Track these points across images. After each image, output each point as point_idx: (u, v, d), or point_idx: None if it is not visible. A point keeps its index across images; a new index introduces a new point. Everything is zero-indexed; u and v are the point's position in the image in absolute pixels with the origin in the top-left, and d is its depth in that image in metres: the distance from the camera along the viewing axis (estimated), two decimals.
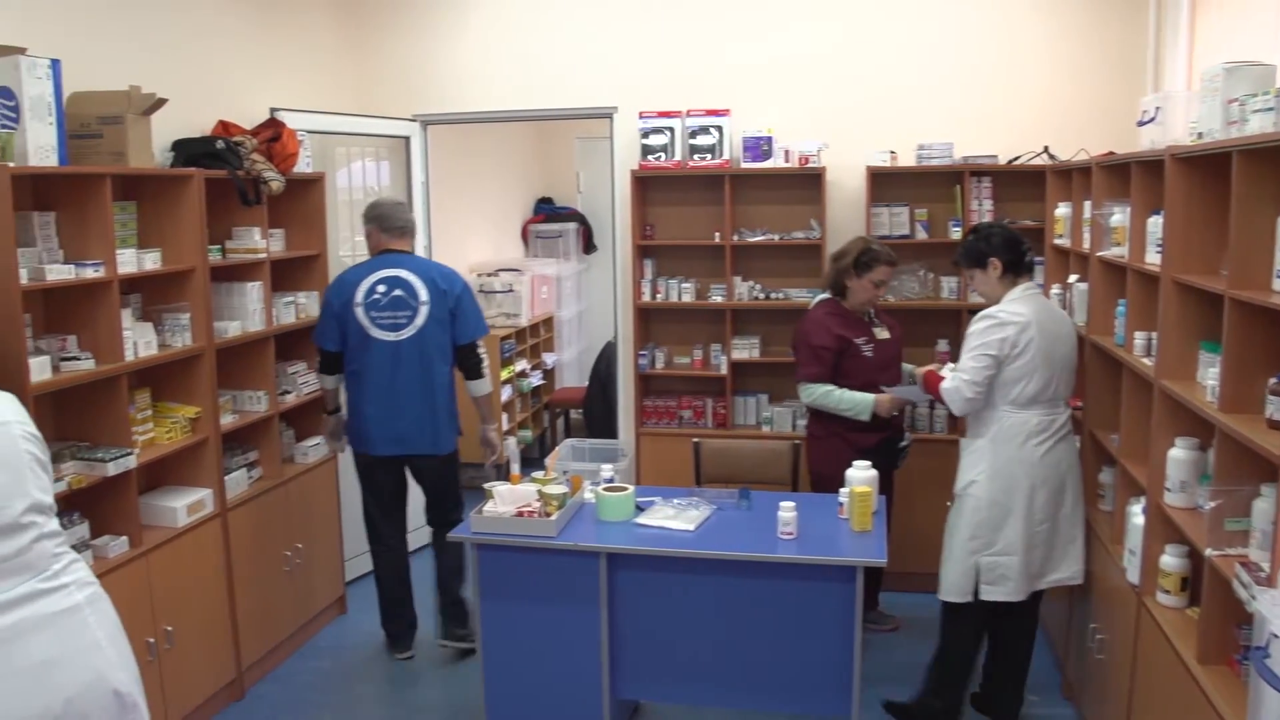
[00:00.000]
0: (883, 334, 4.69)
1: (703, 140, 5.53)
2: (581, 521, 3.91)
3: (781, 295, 5.62)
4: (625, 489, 3.98)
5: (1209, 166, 2.98)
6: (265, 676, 4.70)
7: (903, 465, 4.81)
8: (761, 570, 3.61)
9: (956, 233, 5.29)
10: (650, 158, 5.60)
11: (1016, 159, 5.28)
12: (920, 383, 4.14)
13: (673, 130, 5.56)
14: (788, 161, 5.46)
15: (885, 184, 5.43)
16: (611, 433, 6.30)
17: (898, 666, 4.56)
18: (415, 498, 4.86)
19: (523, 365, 7.93)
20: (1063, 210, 4.70)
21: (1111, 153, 4.31)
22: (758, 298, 5.63)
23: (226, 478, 4.36)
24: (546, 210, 9.51)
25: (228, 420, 4.41)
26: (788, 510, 3.69)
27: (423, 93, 6.07)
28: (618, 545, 3.70)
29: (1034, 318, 3.76)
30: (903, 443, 4.75)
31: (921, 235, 5.43)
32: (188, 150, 4.36)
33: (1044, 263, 4.93)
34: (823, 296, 4.76)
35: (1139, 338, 3.50)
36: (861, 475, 3.88)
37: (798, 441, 4.93)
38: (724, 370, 5.67)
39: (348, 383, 4.67)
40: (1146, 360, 3.41)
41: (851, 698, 3.57)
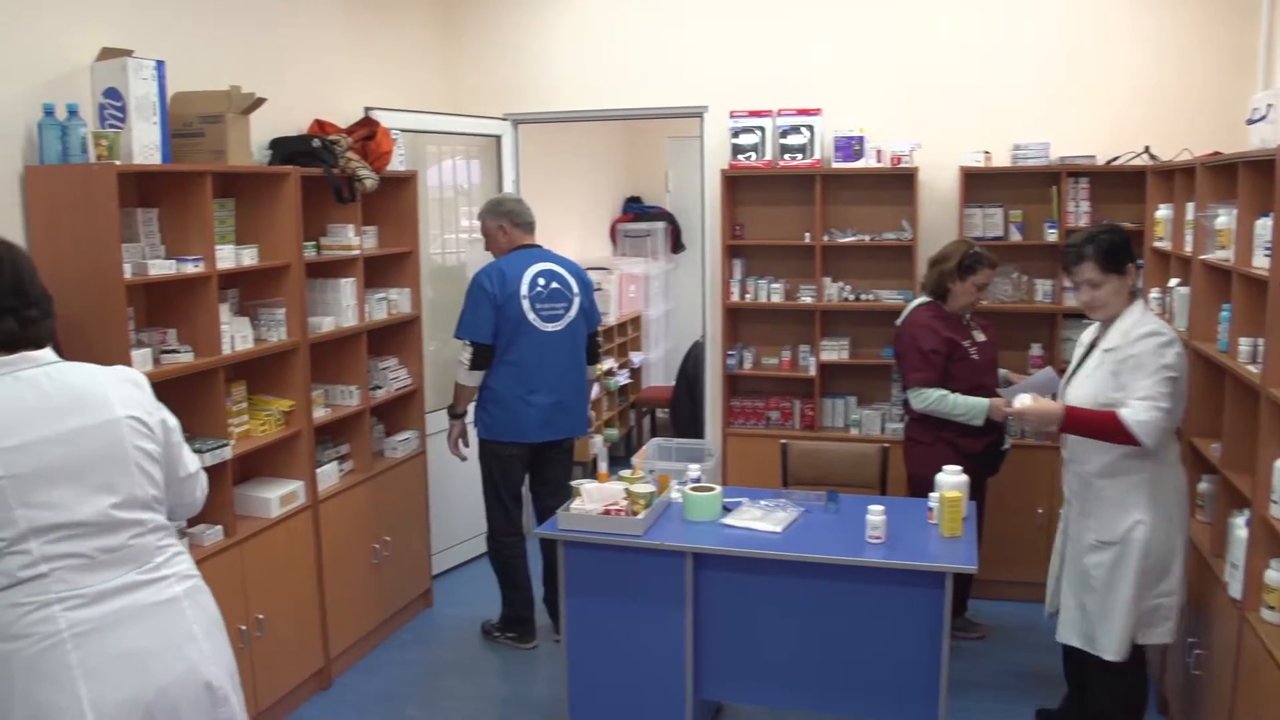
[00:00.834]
0: (980, 337, 4.61)
1: (793, 140, 5.48)
2: (668, 521, 3.91)
3: (872, 297, 5.55)
4: (712, 489, 3.96)
5: None
6: (352, 667, 4.77)
7: (1001, 470, 4.72)
8: (849, 574, 3.57)
9: (1052, 235, 5.17)
10: (740, 157, 5.57)
11: (1116, 159, 5.13)
12: (1043, 390, 3.88)
13: (763, 130, 5.52)
14: (879, 161, 5.39)
15: (979, 184, 5.32)
16: (697, 432, 6.28)
17: (985, 674, 4.47)
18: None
19: (610, 364, 7.94)
20: (1164, 212, 4.55)
21: (1217, 152, 4.16)
22: (847, 299, 5.56)
23: (318, 470, 4.44)
24: (635, 209, 9.53)
25: (320, 414, 4.49)
26: (877, 514, 3.64)
27: (514, 92, 6.12)
28: (704, 545, 3.68)
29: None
30: (1004, 446, 4.66)
31: (1015, 237, 5.30)
32: (285, 148, 4.45)
33: (1143, 266, 4.79)
34: (922, 300, 4.68)
35: (1244, 344, 3.38)
36: (951, 480, 3.81)
37: (886, 445, 4.87)
38: (812, 371, 5.61)
39: (498, 373, 4.69)
40: (1252, 367, 3.29)
41: (938, 705, 3.50)
